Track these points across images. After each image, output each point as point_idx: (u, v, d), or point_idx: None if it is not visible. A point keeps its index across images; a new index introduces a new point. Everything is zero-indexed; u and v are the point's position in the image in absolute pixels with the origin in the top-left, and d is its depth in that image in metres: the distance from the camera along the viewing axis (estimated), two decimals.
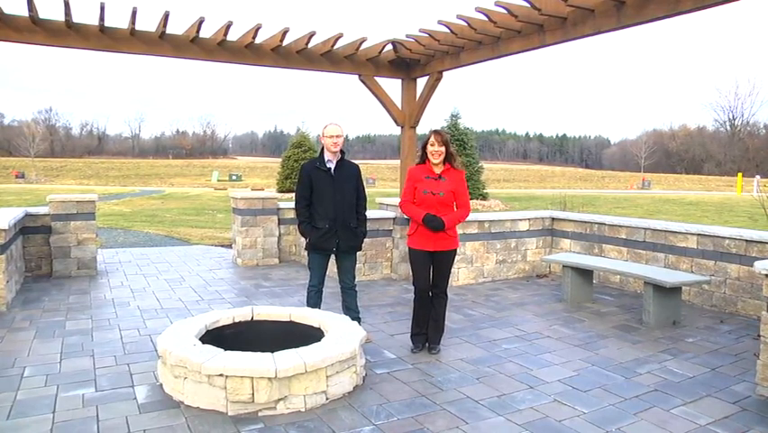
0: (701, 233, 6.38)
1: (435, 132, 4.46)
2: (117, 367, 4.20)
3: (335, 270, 4.95)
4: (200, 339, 4.01)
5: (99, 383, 3.88)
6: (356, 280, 4.97)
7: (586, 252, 7.74)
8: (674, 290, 5.63)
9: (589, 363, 4.44)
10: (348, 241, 4.73)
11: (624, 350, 4.80)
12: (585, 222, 7.84)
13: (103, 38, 6.76)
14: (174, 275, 7.76)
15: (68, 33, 6.58)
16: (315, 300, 4.83)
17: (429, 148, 4.47)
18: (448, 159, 4.50)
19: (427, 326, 4.70)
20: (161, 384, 3.81)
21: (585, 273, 6.50)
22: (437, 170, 4.51)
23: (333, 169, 4.71)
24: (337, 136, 4.66)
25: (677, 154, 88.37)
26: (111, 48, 6.84)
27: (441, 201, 4.47)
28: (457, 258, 7.31)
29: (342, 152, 4.75)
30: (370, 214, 7.76)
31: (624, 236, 7.27)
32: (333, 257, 4.84)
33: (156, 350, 4.50)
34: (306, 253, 5.02)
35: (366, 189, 5.11)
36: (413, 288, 4.63)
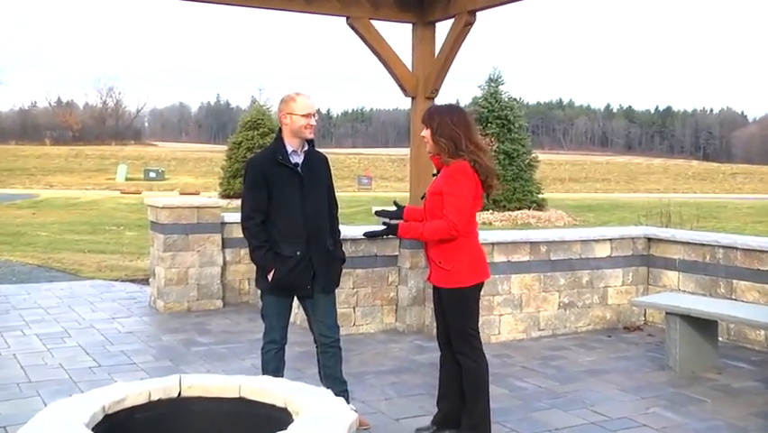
0: None
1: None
2: None
3: (303, 317, 4.97)
4: (93, 430, 3.98)
5: None
6: (340, 331, 4.97)
7: (705, 291, 7.70)
8: None
9: None
10: (327, 273, 4.77)
11: None
12: (703, 244, 7.81)
13: None
14: (53, 328, 7.73)
15: None
16: (275, 365, 4.83)
17: None
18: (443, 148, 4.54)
19: (448, 395, 4.80)
20: None
21: (705, 326, 6.47)
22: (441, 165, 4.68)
23: (300, 164, 4.73)
24: (314, 115, 4.70)
25: None
26: None
27: (424, 209, 4.65)
28: (499, 298, 7.29)
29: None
30: (364, 231, 7.76)
31: None
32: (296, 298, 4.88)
33: None
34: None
35: (360, 193, 5.14)
36: None
